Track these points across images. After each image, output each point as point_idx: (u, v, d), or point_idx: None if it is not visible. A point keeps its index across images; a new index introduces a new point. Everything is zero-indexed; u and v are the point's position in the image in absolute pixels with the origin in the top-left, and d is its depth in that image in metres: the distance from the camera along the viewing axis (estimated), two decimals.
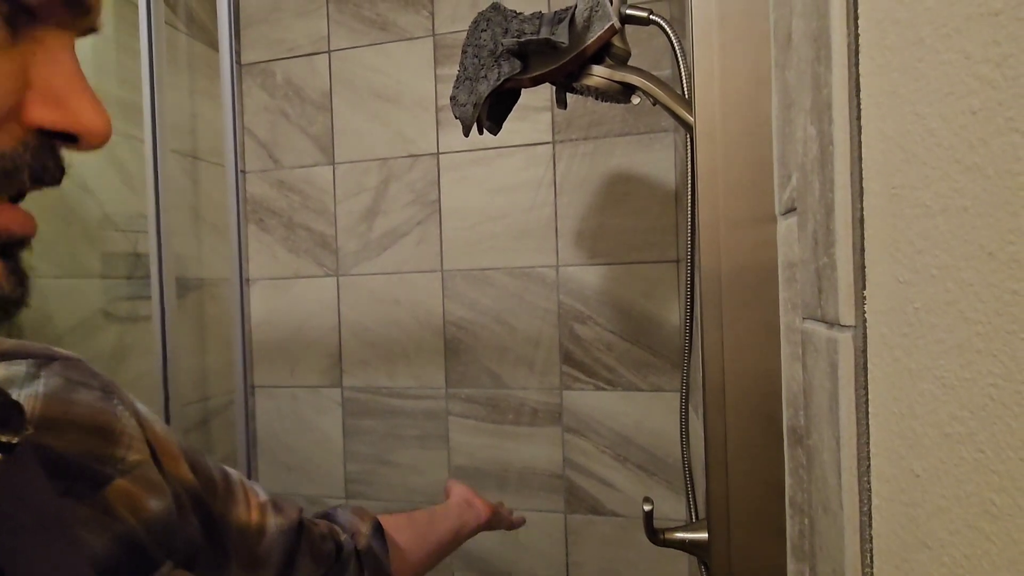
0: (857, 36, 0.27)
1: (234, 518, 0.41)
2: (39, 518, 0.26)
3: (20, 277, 0.22)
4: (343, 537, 0.50)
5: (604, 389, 1.16)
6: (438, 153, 1.24)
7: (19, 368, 0.32)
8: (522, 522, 0.82)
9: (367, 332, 1.28)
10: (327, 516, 0.52)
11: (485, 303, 1.22)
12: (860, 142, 0.27)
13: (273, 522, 0.44)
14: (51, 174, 0.22)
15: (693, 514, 0.83)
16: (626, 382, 1.15)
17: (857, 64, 0.27)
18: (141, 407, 0.38)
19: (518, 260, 1.20)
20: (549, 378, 1.19)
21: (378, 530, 0.53)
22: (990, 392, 0.18)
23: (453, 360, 1.24)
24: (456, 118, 0.71)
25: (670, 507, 1.13)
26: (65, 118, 0.22)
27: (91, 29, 0.23)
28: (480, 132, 0.72)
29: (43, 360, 0.33)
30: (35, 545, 0.25)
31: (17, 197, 0.22)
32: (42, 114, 0.21)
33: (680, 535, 0.59)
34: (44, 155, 0.22)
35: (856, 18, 0.27)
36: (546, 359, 1.19)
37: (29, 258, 0.22)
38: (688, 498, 0.83)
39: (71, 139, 0.22)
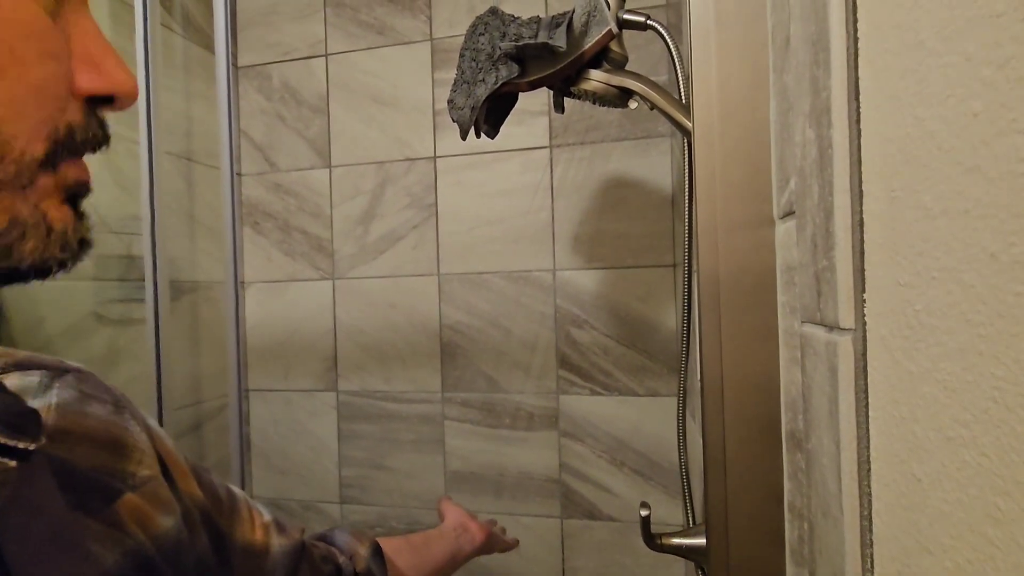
0: (856, 39, 0.27)
1: (239, 537, 0.41)
2: (52, 530, 0.26)
3: (87, 222, 0.25)
4: (341, 560, 0.49)
5: (600, 394, 1.16)
6: (435, 157, 1.23)
7: (33, 378, 0.32)
8: (516, 544, 0.82)
9: (362, 336, 1.28)
10: (324, 538, 0.52)
11: (481, 307, 1.21)
12: (859, 145, 0.27)
13: (277, 542, 0.44)
14: (100, 138, 0.24)
15: (690, 519, 0.83)
16: (623, 387, 1.15)
17: (856, 67, 0.27)
18: (152, 422, 0.37)
19: (515, 264, 1.19)
20: (545, 382, 1.18)
21: (377, 553, 0.53)
22: (993, 395, 0.18)
23: (449, 364, 1.23)
24: (453, 122, 0.71)
25: (667, 512, 1.12)
26: (105, 82, 0.23)
27: None
28: (477, 136, 0.72)
29: (56, 372, 0.33)
30: (47, 557, 0.25)
31: None
32: (88, 81, 0.23)
33: (677, 540, 0.59)
34: (97, 122, 0.24)
35: (855, 21, 0.27)
36: (542, 363, 1.18)
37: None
38: (685, 503, 0.83)
39: (108, 101, 0.24)
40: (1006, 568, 0.18)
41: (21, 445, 0.23)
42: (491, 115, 0.71)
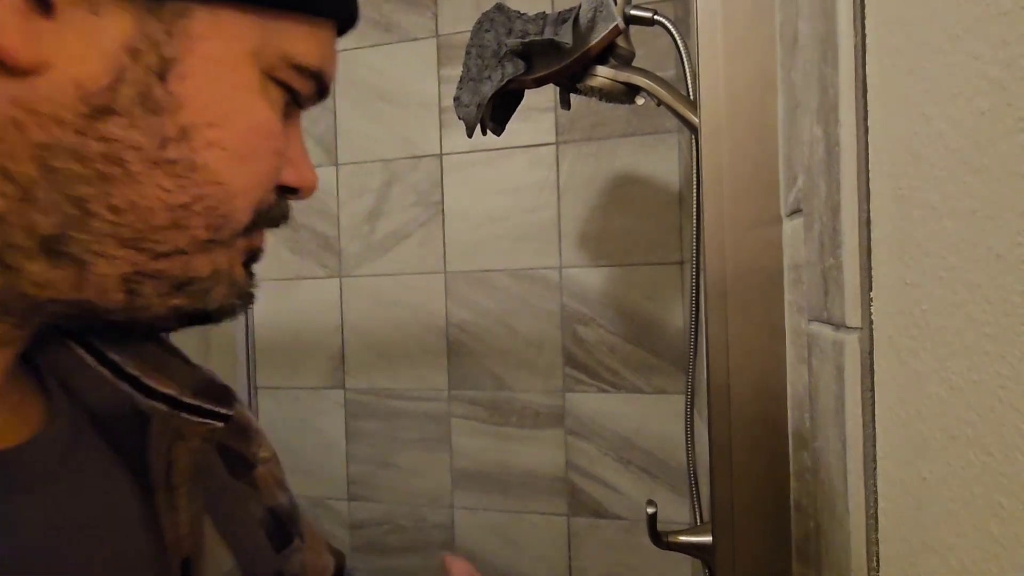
0: (864, 37, 0.27)
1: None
2: (222, 484, 0.33)
3: (254, 281, 0.30)
4: None
5: (607, 391, 1.16)
6: (441, 154, 1.24)
7: None
8: None
9: (370, 334, 1.28)
10: (343, 564, 0.52)
11: (488, 305, 1.21)
12: (867, 143, 0.27)
13: (326, 560, 0.45)
14: (283, 216, 0.30)
15: (697, 517, 0.83)
16: (629, 384, 1.15)
17: (864, 65, 0.27)
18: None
19: (521, 262, 1.19)
20: (552, 380, 1.18)
21: None
22: (998, 394, 0.18)
23: (455, 362, 1.24)
24: (460, 119, 0.71)
25: (674, 510, 1.12)
26: (298, 178, 0.30)
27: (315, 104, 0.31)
28: (484, 133, 0.72)
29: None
30: (226, 506, 0.32)
31: None
32: (290, 176, 0.29)
33: (684, 538, 0.59)
34: (283, 205, 0.30)
35: (863, 19, 0.27)
36: (549, 361, 1.19)
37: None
38: (692, 501, 0.83)
39: (293, 192, 0.30)
40: (1010, 566, 0.18)
41: (223, 410, 0.29)
42: (497, 112, 0.71)
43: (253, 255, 0.30)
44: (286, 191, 0.30)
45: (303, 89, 0.28)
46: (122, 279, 0.24)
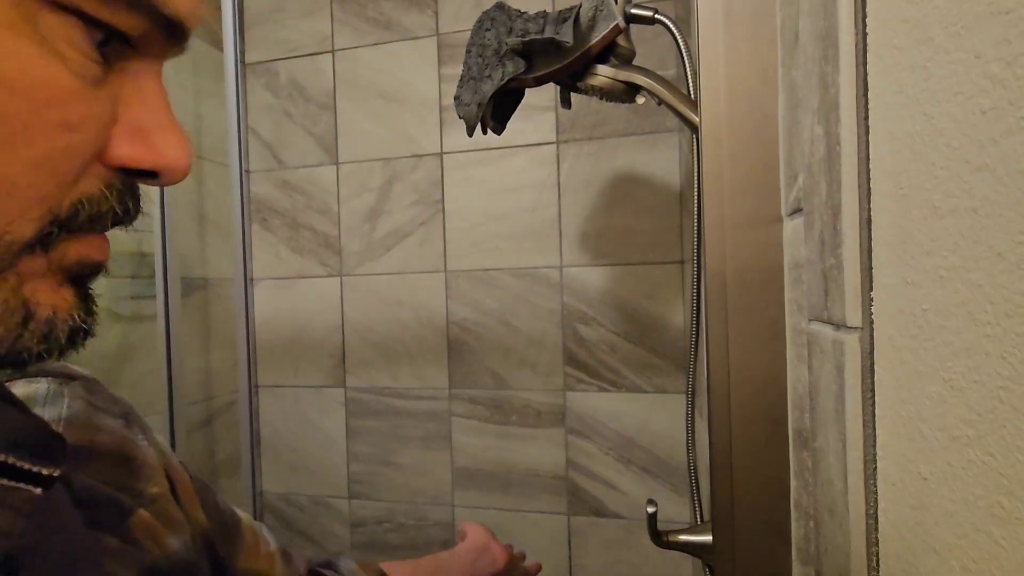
0: (865, 35, 0.27)
1: (241, 564, 0.39)
2: (73, 551, 0.25)
3: (90, 306, 0.21)
4: None
5: (607, 391, 1.16)
6: (442, 153, 1.24)
7: (40, 386, 0.31)
8: (538, 569, 0.74)
9: (370, 332, 1.29)
10: (329, 565, 0.49)
11: (488, 304, 1.21)
12: (868, 142, 0.27)
13: (281, 572, 0.42)
14: (130, 215, 0.21)
15: (698, 516, 0.83)
16: (630, 383, 1.15)
17: (865, 63, 0.27)
18: (159, 437, 0.36)
19: (522, 261, 1.19)
20: (552, 379, 1.18)
21: None
22: (999, 395, 0.18)
23: (456, 361, 1.24)
24: (460, 118, 0.71)
25: (674, 509, 1.12)
26: (149, 155, 0.21)
27: (180, 53, 0.22)
28: (484, 132, 0.72)
29: (63, 379, 0.32)
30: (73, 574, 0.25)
31: None
32: (126, 152, 0.20)
33: (684, 538, 0.59)
34: (125, 196, 0.21)
35: (864, 17, 0.27)
36: (549, 360, 1.19)
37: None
38: (693, 500, 0.83)
39: (151, 175, 0.21)
40: (1011, 567, 0.18)
41: (46, 472, 0.22)
42: (498, 111, 0.71)
43: (83, 270, 0.21)
44: (137, 174, 0.21)
45: (127, 26, 0.19)
46: None
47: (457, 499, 1.24)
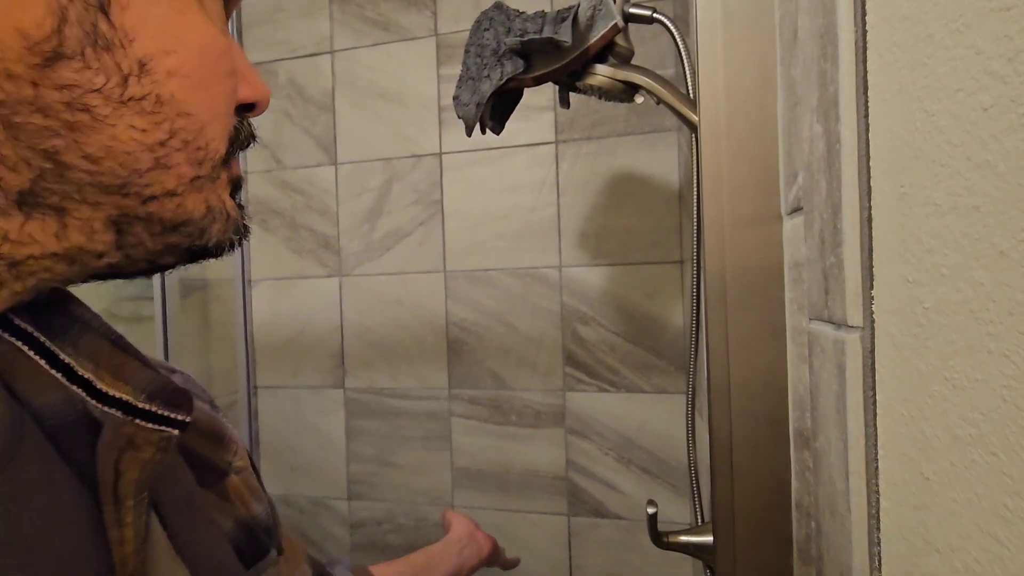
0: (865, 32, 0.27)
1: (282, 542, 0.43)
2: (189, 494, 0.31)
3: (244, 210, 0.29)
4: None
5: (607, 391, 1.16)
6: (441, 153, 1.23)
7: None
8: (517, 562, 0.81)
9: (370, 333, 1.28)
10: (322, 572, 0.52)
11: (488, 304, 1.21)
12: (868, 140, 0.27)
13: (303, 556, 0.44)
14: (251, 137, 0.29)
15: (698, 517, 0.83)
16: (629, 384, 1.14)
17: (865, 61, 0.27)
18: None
19: (521, 261, 1.19)
20: (552, 379, 1.18)
21: None
22: (1002, 393, 0.18)
23: (456, 361, 1.23)
24: (459, 118, 0.71)
25: (674, 510, 1.12)
26: (254, 92, 0.28)
27: (238, 3, 0.29)
28: (483, 132, 0.72)
29: (169, 371, 0.38)
30: (187, 519, 0.30)
31: None
32: (245, 92, 0.28)
33: (684, 538, 0.59)
34: (246, 124, 0.28)
35: (864, 14, 0.27)
36: (549, 360, 1.18)
37: None
38: (693, 501, 0.82)
39: (251, 108, 0.29)
40: (1015, 568, 0.17)
41: (180, 417, 0.27)
42: (496, 111, 0.71)
43: (236, 185, 0.29)
44: (244, 109, 0.28)
45: None
46: (109, 220, 0.24)
47: (457, 500, 1.24)
